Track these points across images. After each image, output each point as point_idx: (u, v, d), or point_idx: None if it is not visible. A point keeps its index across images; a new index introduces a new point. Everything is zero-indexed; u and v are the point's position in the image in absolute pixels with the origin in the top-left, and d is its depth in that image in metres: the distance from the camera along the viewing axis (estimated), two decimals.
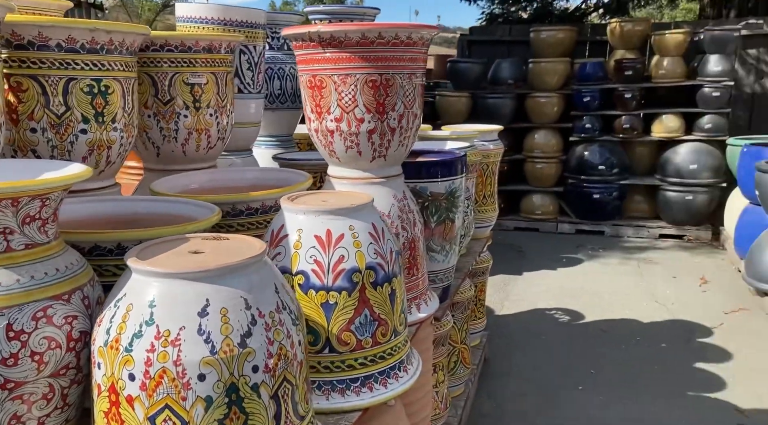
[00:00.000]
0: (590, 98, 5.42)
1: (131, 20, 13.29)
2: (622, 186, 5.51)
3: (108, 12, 13.19)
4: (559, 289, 4.17)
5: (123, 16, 13.63)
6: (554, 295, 4.05)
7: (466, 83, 5.85)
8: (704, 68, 5.18)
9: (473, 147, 2.57)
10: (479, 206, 2.83)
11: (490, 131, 2.84)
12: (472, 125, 3.12)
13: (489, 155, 2.79)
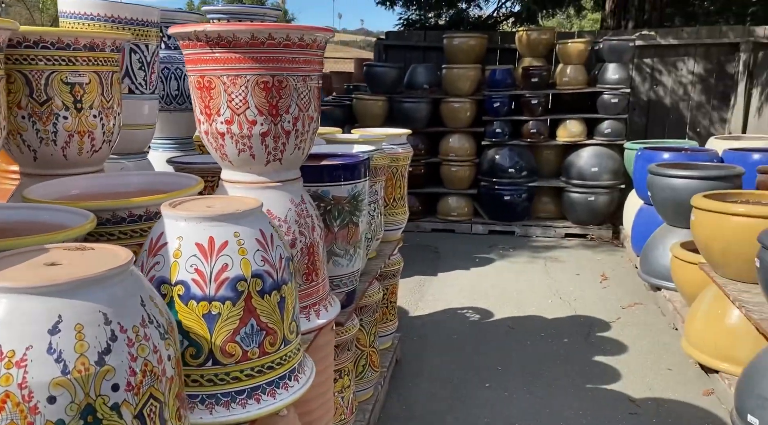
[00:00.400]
0: (500, 104, 5.61)
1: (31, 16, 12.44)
2: (530, 188, 5.74)
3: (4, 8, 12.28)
4: (471, 288, 4.27)
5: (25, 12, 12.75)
6: (467, 294, 4.15)
7: (383, 87, 5.90)
8: (603, 76, 5.48)
9: (381, 151, 2.58)
10: (389, 209, 2.84)
11: (399, 135, 2.87)
12: (381, 129, 3.14)
13: (398, 158, 2.81)
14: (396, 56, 6.86)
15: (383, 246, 2.74)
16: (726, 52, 6.20)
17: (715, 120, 6.32)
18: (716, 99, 6.29)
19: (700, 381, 2.90)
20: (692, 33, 6.29)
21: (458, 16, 9.11)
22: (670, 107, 6.43)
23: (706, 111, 6.34)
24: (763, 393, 2.12)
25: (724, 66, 6.23)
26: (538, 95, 5.55)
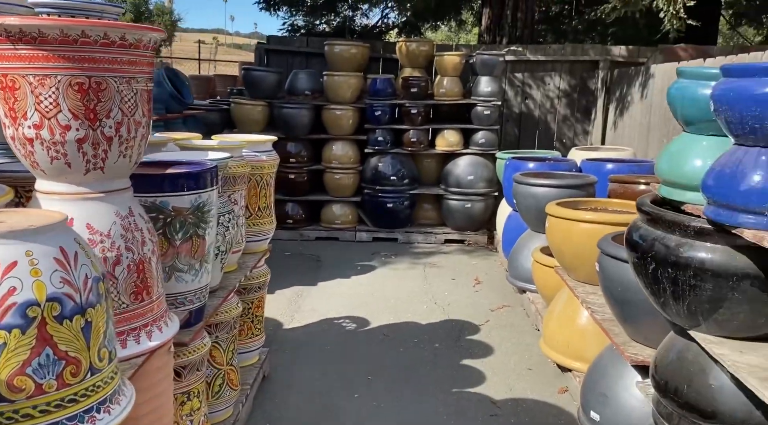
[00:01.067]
0: (381, 112, 5.67)
1: None
2: (412, 196, 5.85)
3: None
4: (350, 297, 4.26)
5: None
6: (345, 303, 4.13)
7: (263, 92, 5.76)
8: (477, 89, 5.72)
9: (240, 158, 2.48)
10: (253, 219, 2.74)
11: (263, 142, 2.78)
12: (243, 135, 3.03)
13: (262, 166, 2.72)
14: (278, 61, 6.75)
15: (246, 258, 2.64)
16: (588, 69, 6.70)
17: (579, 132, 6.81)
18: (580, 112, 6.78)
19: (557, 379, 3.06)
20: (558, 50, 6.74)
21: (344, 24, 9.16)
22: (539, 119, 6.85)
23: (571, 124, 6.81)
24: (604, 391, 2.26)
25: (586, 82, 6.73)
26: (417, 105, 5.67)
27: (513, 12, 7.68)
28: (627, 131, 5.85)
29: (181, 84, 4.16)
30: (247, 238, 2.68)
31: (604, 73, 6.54)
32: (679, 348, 1.79)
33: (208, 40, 43.66)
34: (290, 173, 5.74)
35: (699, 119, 1.68)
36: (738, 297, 1.53)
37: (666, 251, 1.62)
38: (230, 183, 2.40)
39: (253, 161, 2.67)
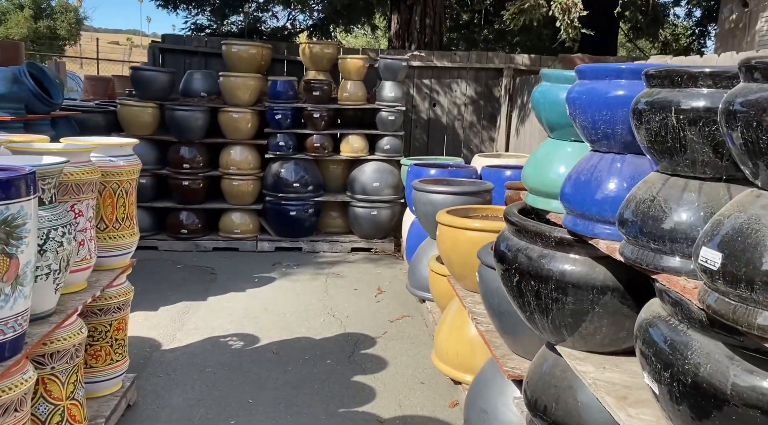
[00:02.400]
0: (282, 116, 5.45)
1: None
2: (317, 203, 5.65)
3: None
4: (242, 313, 4.00)
5: None
6: (235, 320, 3.86)
7: (154, 93, 5.39)
8: (381, 94, 5.61)
9: (87, 163, 2.20)
10: (110, 232, 2.46)
11: (120, 145, 2.50)
12: (97, 138, 2.73)
13: (118, 172, 2.44)
14: (174, 62, 6.37)
15: (99, 275, 2.36)
16: (493, 77, 6.77)
17: (485, 139, 6.87)
18: (485, 119, 6.84)
19: (449, 392, 2.96)
20: (464, 57, 6.77)
21: (252, 25, 8.84)
22: (447, 125, 6.84)
23: (477, 130, 6.86)
24: (485, 407, 2.16)
25: (491, 89, 6.80)
26: (320, 109, 5.49)
27: (421, 18, 7.66)
28: (527, 137, 5.93)
29: (50, 82, 3.76)
30: (102, 252, 2.40)
31: (507, 81, 6.62)
32: (550, 363, 1.70)
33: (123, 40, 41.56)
34: (184, 179, 5.40)
35: (561, 124, 1.61)
36: (599, 310, 1.45)
37: (528, 262, 1.53)
38: (72, 192, 2.12)
39: (107, 166, 2.39)
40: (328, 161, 5.75)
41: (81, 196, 2.17)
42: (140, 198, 5.44)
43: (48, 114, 3.67)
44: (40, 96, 3.53)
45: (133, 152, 2.61)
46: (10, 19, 28.57)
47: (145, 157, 5.33)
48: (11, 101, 3.23)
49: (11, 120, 3.18)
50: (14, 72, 3.27)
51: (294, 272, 5.01)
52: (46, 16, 29.98)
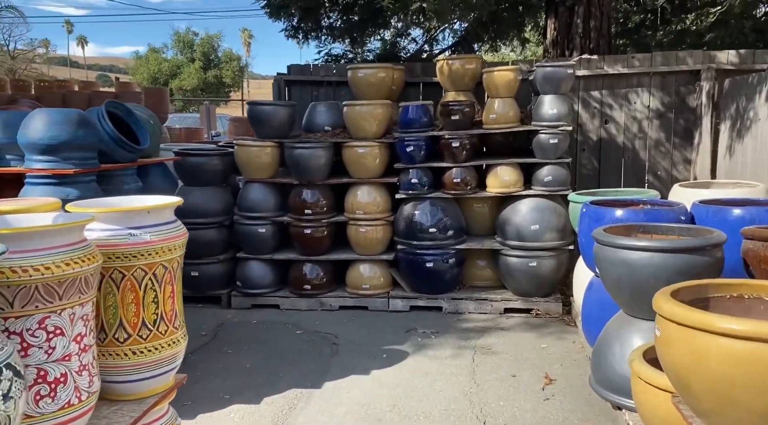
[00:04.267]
0: (414, 148, 4.49)
1: None
2: (458, 252, 4.57)
3: None
4: (363, 410, 3.02)
5: None
6: (352, 422, 2.89)
7: (274, 131, 4.74)
8: (539, 111, 4.43)
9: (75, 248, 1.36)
10: (136, 344, 1.61)
11: (147, 211, 1.66)
12: (119, 200, 1.92)
13: (146, 252, 1.59)
14: (301, 94, 5.76)
15: (118, 412, 1.50)
16: (686, 82, 5.25)
17: (678, 161, 5.32)
18: (677, 137, 5.31)
19: None
20: (645, 60, 5.34)
21: (389, 51, 8.13)
22: (623, 146, 5.42)
23: (665, 151, 5.34)
24: None
25: (684, 98, 5.27)
26: (460, 136, 4.45)
27: (585, 20, 6.35)
28: (750, 158, 4.33)
29: (137, 125, 3.18)
30: (122, 376, 1.55)
31: (709, 85, 5.06)
32: None
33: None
34: (306, 226, 4.63)
35: None
36: None
37: None
38: (40, 298, 1.28)
39: (125, 245, 1.55)
40: (471, 199, 4.67)
41: (59, 303, 1.32)
42: (260, 250, 4.92)
43: (132, 162, 3.06)
44: (121, 141, 2.93)
45: (173, 217, 1.76)
46: (184, 71, 31.75)
47: (264, 203, 4.69)
48: (77, 149, 2.63)
49: (75, 173, 2.58)
50: (80, 114, 2.67)
51: (432, 343, 3.95)
52: (213, 67, 32.91)
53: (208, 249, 4.69)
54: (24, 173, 2.60)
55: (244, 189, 4.75)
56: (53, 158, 2.58)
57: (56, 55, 67.62)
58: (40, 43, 46.18)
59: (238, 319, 4.52)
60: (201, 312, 4.66)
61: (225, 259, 4.79)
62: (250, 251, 4.74)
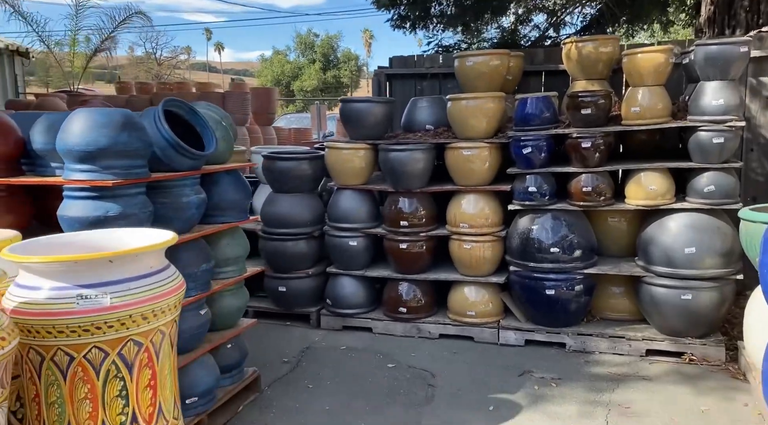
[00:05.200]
0: (533, 149, 3.70)
1: (60, 69, 12.02)
2: (587, 277, 3.73)
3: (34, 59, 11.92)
4: None
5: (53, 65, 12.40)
6: None
7: (368, 131, 4.17)
8: (698, 102, 3.46)
9: None
10: None
11: (109, 260, 1.11)
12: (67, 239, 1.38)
13: (104, 323, 1.05)
14: (403, 90, 5.16)
15: None
16: None
17: None
18: None
19: None
20: None
21: (507, 39, 7.29)
22: None
23: None
24: None
25: None
26: (592, 135, 3.60)
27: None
28: None
29: (202, 125, 2.74)
30: None
31: None
32: None
33: None
34: (402, 240, 4.02)
35: None
36: None
37: None
38: None
39: (68, 312, 1.01)
40: (605, 212, 3.79)
41: None
42: (351, 265, 4.30)
43: (194, 170, 2.62)
44: (178, 146, 2.49)
45: (161, 264, 1.21)
46: (305, 72, 32.61)
47: (356, 213, 4.14)
48: (119, 157, 2.21)
49: (114, 185, 2.17)
50: (126, 115, 2.25)
51: (552, 394, 3.17)
52: (332, 67, 33.50)
53: (296, 263, 4.24)
54: (61, 184, 2.24)
55: (335, 197, 4.24)
56: (91, 166, 2.19)
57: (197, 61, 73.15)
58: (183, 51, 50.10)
59: (326, 343, 4.01)
60: (288, 332, 4.22)
61: (315, 274, 4.31)
62: (341, 266, 4.22)
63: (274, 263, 4.27)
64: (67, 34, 11.29)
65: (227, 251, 2.95)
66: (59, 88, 12.36)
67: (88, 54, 11.37)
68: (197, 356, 2.70)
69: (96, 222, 2.19)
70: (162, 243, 1.21)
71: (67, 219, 2.21)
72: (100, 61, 24.20)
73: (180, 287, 1.24)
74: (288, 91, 32.07)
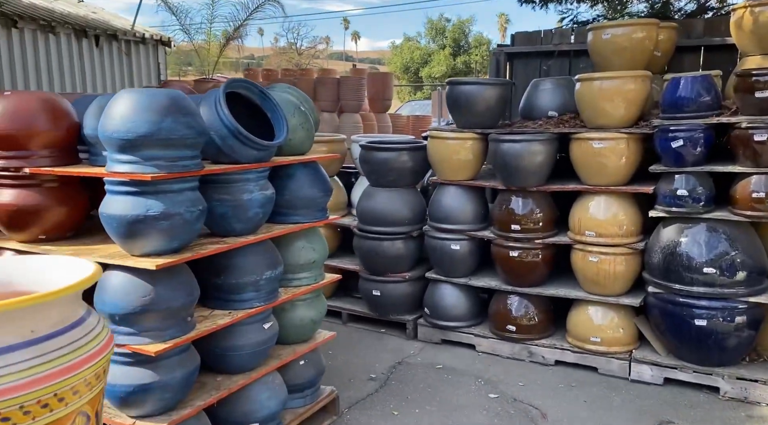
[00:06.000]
0: (685, 142, 2.92)
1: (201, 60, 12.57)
2: (754, 306, 2.89)
3: (174, 48, 12.59)
4: None
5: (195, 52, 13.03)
6: None
7: (478, 118, 3.61)
8: None
9: None
10: None
11: None
12: None
13: None
14: (526, 71, 4.50)
15: None
16: None
17: None
18: None
19: None
20: None
21: (657, 10, 6.24)
22: None
23: None
24: None
25: None
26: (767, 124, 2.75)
27: None
28: None
29: (273, 110, 2.37)
30: None
31: None
32: None
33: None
34: (514, 247, 3.42)
35: None
36: None
37: None
38: None
39: None
40: None
41: None
42: (453, 271, 3.54)
43: (261, 162, 2.26)
44: (239, 134, 2.14)
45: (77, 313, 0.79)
46: (434, 58, 32.03)
47: (461, 212, 3.62)
48: (162, 146, 1.89)
49: (153, 178, 1.85)
50: (174, 97, 1.93)
51: None
52: (463, 52, 32.58)
53: (392, 265, 3.80)
54: (102, 177, 1.99)
55: (437, 193, 3.74)
56: (131, 157, 1.90)
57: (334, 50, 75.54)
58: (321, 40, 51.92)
59: (421, 358, 3.55)
60: (381, 341, 3.82)
61: (412, 278, 3.85)
62: (442, 271, 3.72)
63: (368, 264, 3.87)
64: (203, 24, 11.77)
65: (301, 255, 2.57)
66: (201, 77, 13.05)
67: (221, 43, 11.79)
68: (259, 375, 2.37)
69: (135, 222, 1.91)
70: (75, 285, 0.81)
71: (106, 217, 1.95)
72: (248, 51, 25.30)
73: (105, 347, 0.83)
74: (416, 77, 31.75)
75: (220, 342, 2.27)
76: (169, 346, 1.94)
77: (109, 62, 9.83)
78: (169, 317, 1.98)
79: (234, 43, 12.53)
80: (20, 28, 7.85)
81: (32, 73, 8.02)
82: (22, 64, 7.85)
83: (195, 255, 2.03)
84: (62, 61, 8.54)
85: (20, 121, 2.04)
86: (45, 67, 8.23)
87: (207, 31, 11.79)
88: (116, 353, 1.97)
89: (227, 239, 2.23)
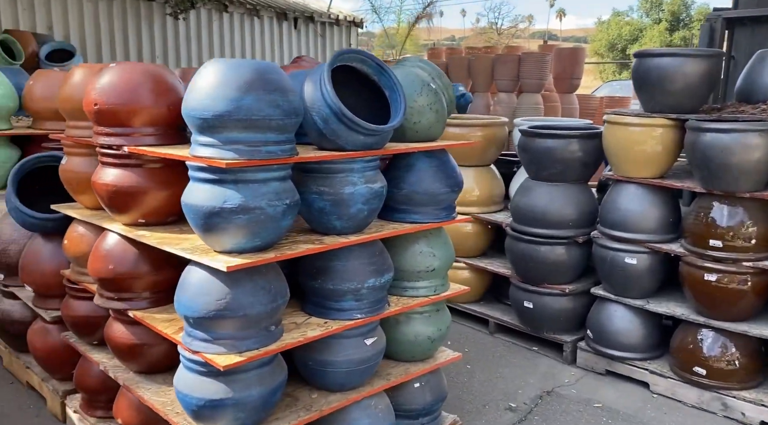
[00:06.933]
0: None
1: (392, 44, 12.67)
2: None
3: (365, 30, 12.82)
4: None
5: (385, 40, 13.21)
6: None
7: (672, 99, 2.81)
8: None
9: None
10: None
11: None
12: None
13: None
14: (750, 43, 3.48)
15: None
16: None
17: None
18: None
19: None
20: None
21: None
22: None
23: None
24: None
25: None
26: None
27: None
28: None
29: (391, 87, 1.97)
30: None
31: None
32: None
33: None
34: (712, 269, 2.62)
35: None
36: None
37: None
38: None
39: None
40: None
41: None
42: (626, 290, 2.89)
43: (371, 149, 1.90)
44: (342, 115, 1.79)
45: None
46: (646, 34, 28.72)
47: (642, 218, 2.90)
48: (244, 128, 1.62)
49: (229, 165, 1.59)
50: (262, 70, 1.66)
51: None
52: (682, 27, 28.70)
53: (550, 274, 3.21)
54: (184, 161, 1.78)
55: (613, 192, 3.03)
56: (211, 139, 1.66)
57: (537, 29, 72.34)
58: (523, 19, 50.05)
59: (577, 391, 2.94)
60: (530, 361, 3.27)
61: (574, 292, 3.22)
62: (612, 288, 3.03)
63: (521, 270, 3.32)
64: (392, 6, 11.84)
65: (418, 261, 2.17)
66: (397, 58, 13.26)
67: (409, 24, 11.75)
68: (359, 397, 2.04)
69: (210, 215, 1.67)
70: None
71: (186, 207, 1.75)
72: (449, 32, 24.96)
73: None
74: (624, 56, 28.80)
75: (314, 355, 1.98)
76: (242, 360, 1.68)
77: (305, 43, 10.30)
78: (246, 326, 1.72)
79: (426, 25, 12.42)
80: (230, 12, 8.53)
81: (238, 54, 8.70)
82: (230, 46, 8.55)
83: (279, 256, 1.74)
84: (264, 42, 9.14)
85: (124, 95, 1.92)
86: (249, 48, 8.88)
87: (397, 11, 11.80)
88: (191, 360, 1.78)
89: (325, 239, 1.91)
